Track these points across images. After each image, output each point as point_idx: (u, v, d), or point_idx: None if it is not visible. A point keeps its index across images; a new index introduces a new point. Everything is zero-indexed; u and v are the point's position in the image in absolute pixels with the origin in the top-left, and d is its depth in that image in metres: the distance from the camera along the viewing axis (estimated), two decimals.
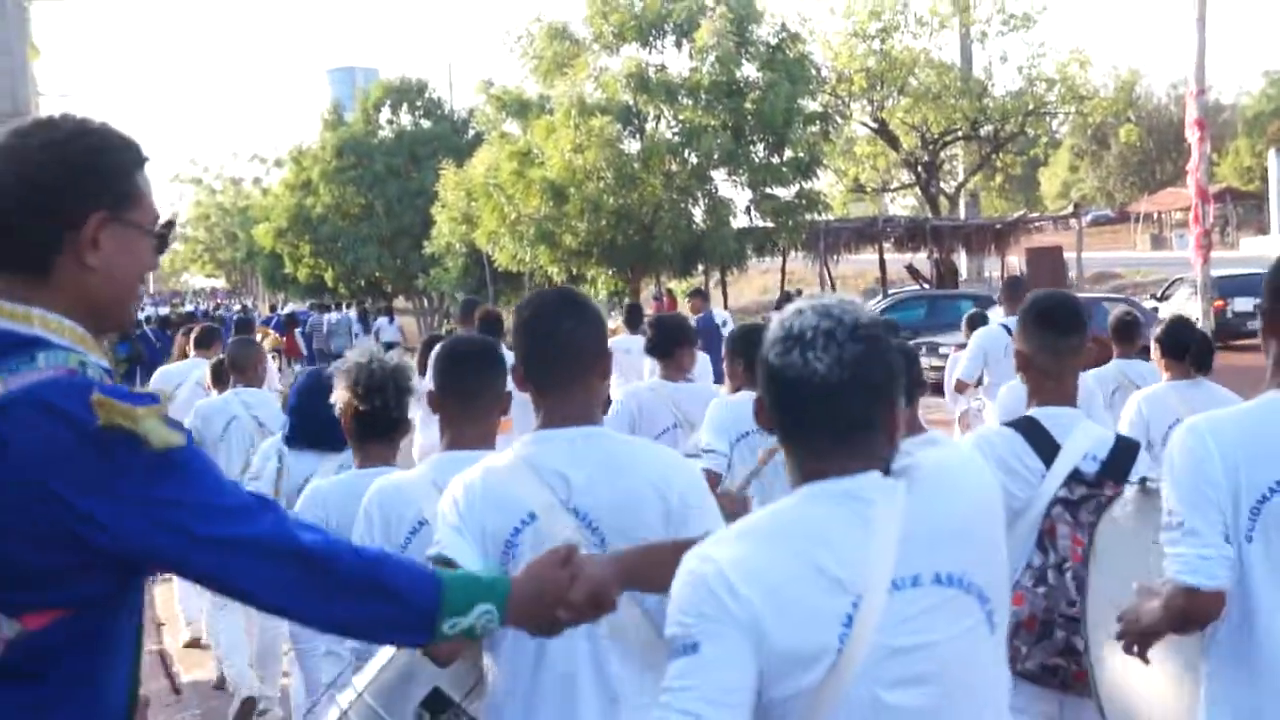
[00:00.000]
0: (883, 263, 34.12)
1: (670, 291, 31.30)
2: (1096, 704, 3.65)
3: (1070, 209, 40.97)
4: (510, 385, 3.54)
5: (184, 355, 10.59)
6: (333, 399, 4.41)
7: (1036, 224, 38.58)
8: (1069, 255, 34.50)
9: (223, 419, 7.38)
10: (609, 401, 6.65)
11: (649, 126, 29.82)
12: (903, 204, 45.36)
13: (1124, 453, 4.02)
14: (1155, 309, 25.75)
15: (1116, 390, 7.31)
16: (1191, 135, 11.69)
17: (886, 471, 2.25)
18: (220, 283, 60.50)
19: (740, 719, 2.16)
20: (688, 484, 2.99)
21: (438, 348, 3.89)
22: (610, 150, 28.31)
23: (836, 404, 2.24)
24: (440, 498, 3.09)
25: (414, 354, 10.82)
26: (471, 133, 40.05)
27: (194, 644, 8.79)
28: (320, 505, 4.21)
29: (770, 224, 29.95)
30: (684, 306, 24.54)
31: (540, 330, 3.08)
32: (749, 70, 29.45)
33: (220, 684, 7.86)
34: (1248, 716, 3.11)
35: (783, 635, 2.16)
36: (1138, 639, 3.22)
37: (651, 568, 2.57)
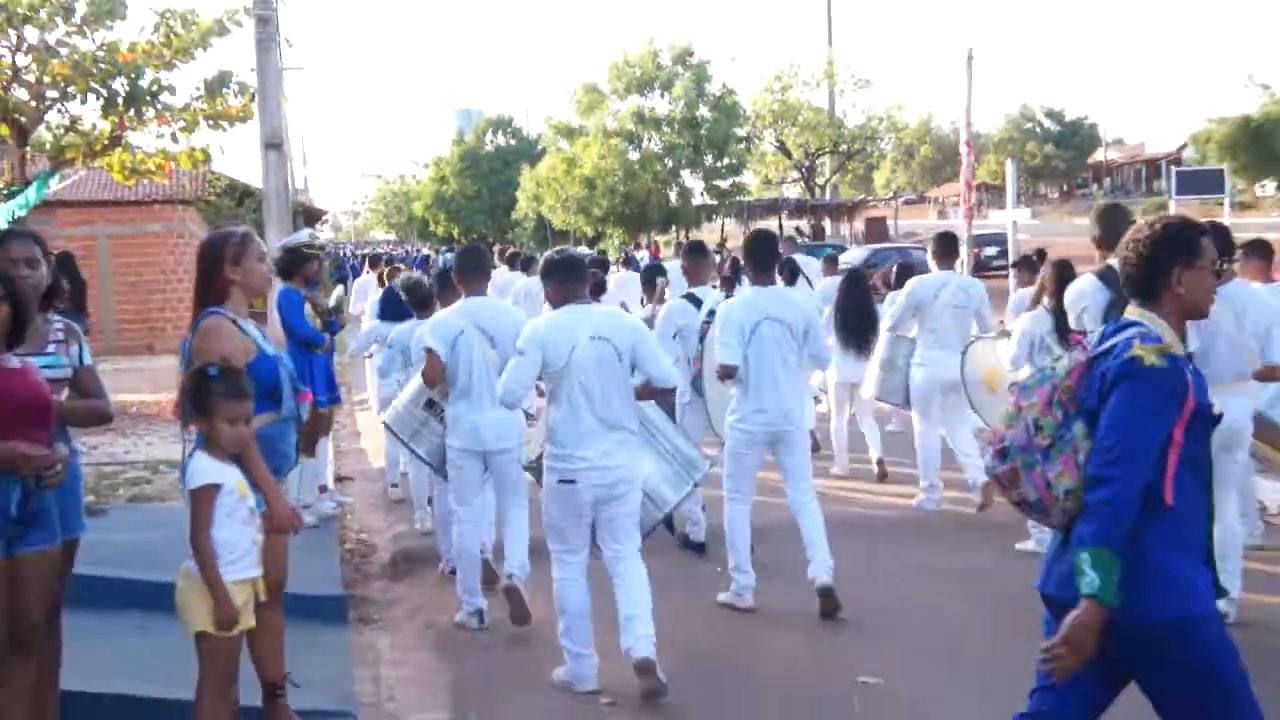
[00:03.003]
0: (781, 226, 37.60)
1: (655, 242, 35.15)
2: (708, 419, 5.77)
3: (891, 195, 47.21)
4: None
5: (382, 283, 9.80)
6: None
7: (871, 204, 43.50)
8: (890, 223, 39.02)
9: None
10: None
11: (644, 145, 34.56)
12: (793, 190, 49.12)
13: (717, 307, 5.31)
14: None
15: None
16: (963, 151, 13.23)
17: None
18: (392, 237, 73.80)
19: (533, 375, 4.08)
20: (522, 326, 4.32)
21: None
22: (621, 159, 33.20)
23: (578, 266, 4.08)
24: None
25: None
26: (539, 148, 45.20)
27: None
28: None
29: (715, 202, 34.32)
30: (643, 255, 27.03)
31: (464, 257, 4.95)
32: (704, 110, 33.81)
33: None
34: (741, 412, 5.05)
35: (550, 353, 3.98)
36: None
37: None
